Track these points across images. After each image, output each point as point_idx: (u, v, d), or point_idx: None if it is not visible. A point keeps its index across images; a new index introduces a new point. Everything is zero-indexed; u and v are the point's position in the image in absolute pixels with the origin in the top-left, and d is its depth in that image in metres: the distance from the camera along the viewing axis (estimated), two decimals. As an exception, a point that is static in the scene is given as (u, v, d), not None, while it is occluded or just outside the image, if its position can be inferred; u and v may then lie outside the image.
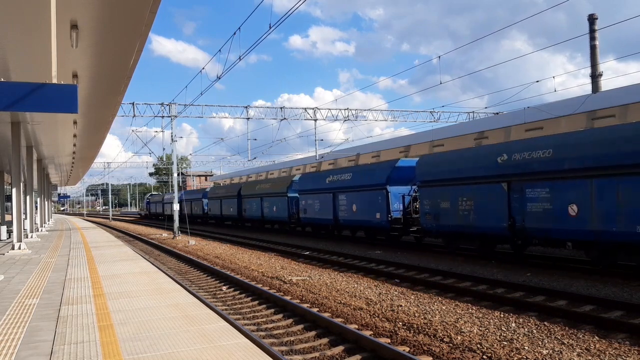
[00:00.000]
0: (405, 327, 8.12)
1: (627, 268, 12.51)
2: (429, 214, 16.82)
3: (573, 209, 12.06)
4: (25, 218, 21.89)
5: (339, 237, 24.56)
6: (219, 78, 20.90)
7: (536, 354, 6.55)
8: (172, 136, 30.85)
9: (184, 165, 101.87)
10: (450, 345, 7.12)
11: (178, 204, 31.35)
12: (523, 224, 13.33)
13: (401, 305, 9.52)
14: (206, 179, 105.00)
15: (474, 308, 9.17)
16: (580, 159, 11.94)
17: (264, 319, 9.37)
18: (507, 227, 13.70)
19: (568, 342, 7.01)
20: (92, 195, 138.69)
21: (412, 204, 19.28)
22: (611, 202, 11.25)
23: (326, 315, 9.08)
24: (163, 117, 30.94)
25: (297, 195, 27.52)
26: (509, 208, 13.66)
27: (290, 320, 9.06)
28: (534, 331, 7.60)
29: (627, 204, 10.90)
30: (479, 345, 6.98)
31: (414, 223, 18.90)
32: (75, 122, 16.42)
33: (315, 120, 35.60)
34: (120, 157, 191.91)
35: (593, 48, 39.52)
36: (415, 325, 8.14)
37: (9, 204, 34.99)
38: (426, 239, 19.54)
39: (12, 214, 20.53)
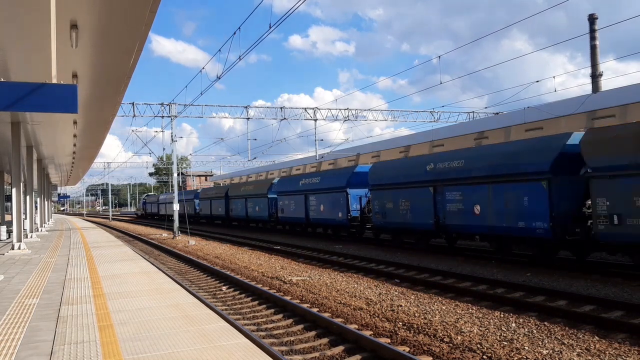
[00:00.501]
0: (405, 327, 8.12)
1: (626, 268, 12.53)
2: (379, 213, 19.71)
3: (477, 209, 14.89)
4: (25, 218, 21.89)
5: (312, 234, 27.77)
6: (219, 78, 20.91)
7: (536, 354, 6.55)
8: (172, 136, 30.85)
9: (184, 165, 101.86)
10: (450, 345, 7.12)
11: (178, 204, 31.34)
12: (445, 221, 16.22)
13: (401, 305, 9.52)
14: (206, 179, 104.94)
15: (474, 308, 9.17)
16: (481, 168, 14.80)
17: (264, 319, 9.37)
18: (433, 224, 16.67)
19: (568, 342, 7.01)
20: (92, 195, 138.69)
21: (368, 205, 21.75)
22: (501, 203, 14.04)
23: (326, 315, 9.08)
24: (163, 117, 30.95)
25: (276, 196, 30.31)
26: (434, 208, 16.62)
27: (290, 320, 9.06)
28: (534, 331, 7.59)
29: (511, 205, 13.69)
30: (479, 345, 6.98)
31: (369, 221, 21.45)
32: (75, 122, 16.42)
33: (315, 120, 35.61)
34: (120, 157, 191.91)
35: (593, 48, 39.52)
36: (415, 325, 8.14)
37: (9, 204, 35.00)
38: (382, 235, 21.37)
39: (12, 214, 20.53)
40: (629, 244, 11.20)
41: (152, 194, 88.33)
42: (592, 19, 39.33)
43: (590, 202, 11.96)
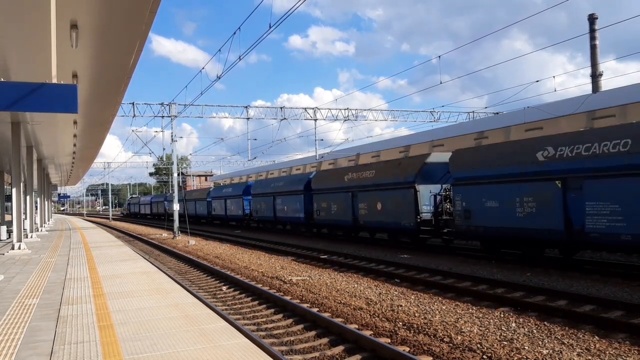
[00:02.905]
0: (405, 327, 8.13)
1: (626, 268, 12.54)
2: (255, 210, 33.33)
3: (285, 208, 28.79)
4: (25, 218, 21.89)
5: (229, 225, 41.80)
6: (219, 78, 20.91)
7: (536, 353, 6.55)
8: (172, 136, 30.85)
9: (184, 165, 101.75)
10: (451, 345, 7.12)
11: (177, 204, 31.33)
12: (277, 214, 29.92)
13: (401, 305, 9.52)
14: (206, 179, 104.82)
15: (474, 308, 9.17)
16: (285, 187, 29.07)
17: (264, 319, 9.37)
18: (273, 216, 30.65)
19: (568, 342, 7.01)
20: (92, 195, 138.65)
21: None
22: (291, 205, 27.98)
23: (326, 315, 9.08)
24: (163, 117, 30.94)
25: (211, 200, 43.90)
26: (273, 208, 30.38)
27: (290, 320, 9.06)
28: (534, 331, 7.60)
29: (294, 206, 27.58)
30: (479, 345, 6.98)
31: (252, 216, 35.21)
32: (75, 122, 16.42)
33: (315, 120, 35.61)
34: (120, 157, 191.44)
35: (593, 48, 39.45)
36: (415, 325, 8.14)
37: (9, 204, 34.99)
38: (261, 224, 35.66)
39: (12, 214, 20.52)
40: (324, 225, 25.22)
41: (136, 196, 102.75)
42: (592, 19, 39.26)
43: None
